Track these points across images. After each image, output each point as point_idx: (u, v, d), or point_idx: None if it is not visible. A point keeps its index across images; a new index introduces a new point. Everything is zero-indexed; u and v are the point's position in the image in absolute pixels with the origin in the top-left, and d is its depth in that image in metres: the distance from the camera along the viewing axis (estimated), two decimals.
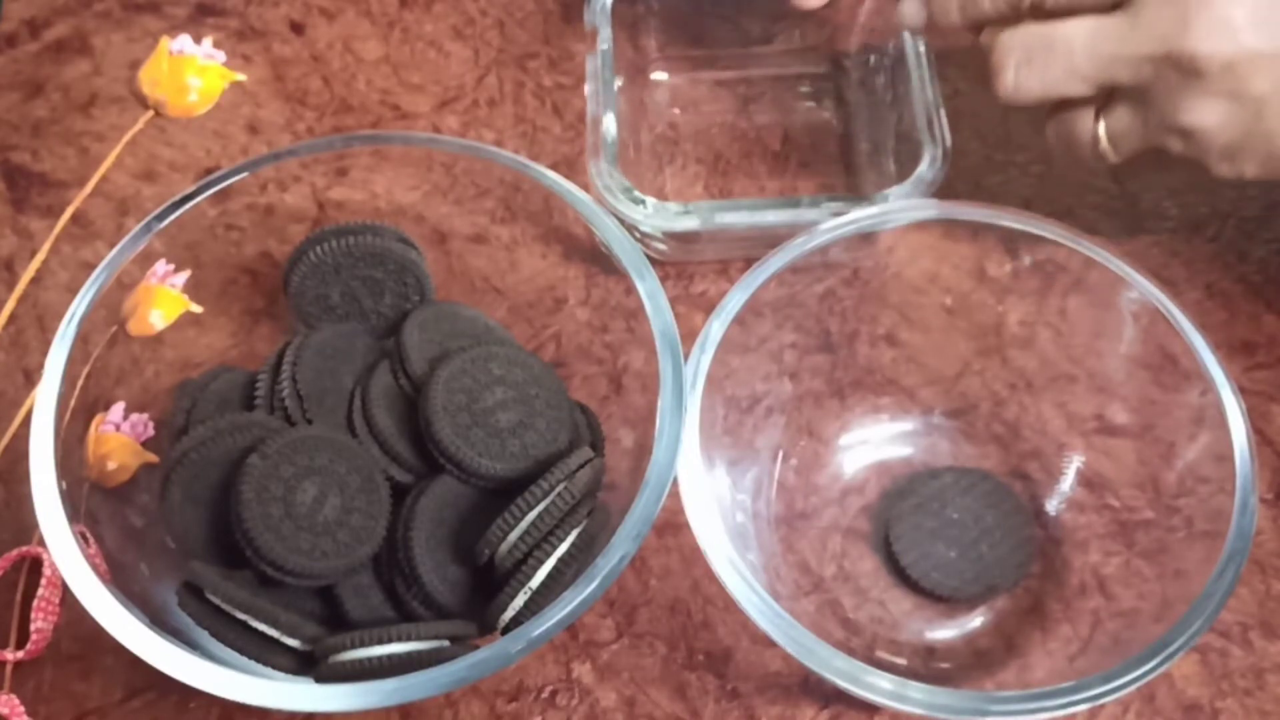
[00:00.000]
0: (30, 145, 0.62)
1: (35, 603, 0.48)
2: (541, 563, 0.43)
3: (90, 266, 0.51)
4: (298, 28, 0.66)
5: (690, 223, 0.53)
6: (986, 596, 0.49)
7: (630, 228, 0.53)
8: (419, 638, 0.42)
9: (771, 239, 0.49)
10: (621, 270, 0.47)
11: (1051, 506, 0.50)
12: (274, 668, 0.43)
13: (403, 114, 0.63)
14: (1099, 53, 0.47)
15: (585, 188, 0.50)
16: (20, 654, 0.48)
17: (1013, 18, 0.49)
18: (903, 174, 0.54)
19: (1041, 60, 0.48)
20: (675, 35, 0.63)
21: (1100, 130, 0.49)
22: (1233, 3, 0.45)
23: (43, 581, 0.49)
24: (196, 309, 0.50)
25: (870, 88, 0.61)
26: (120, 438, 0.47)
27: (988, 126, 0.60)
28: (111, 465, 0.47)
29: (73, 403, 0.45)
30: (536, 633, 0.40)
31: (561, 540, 0.43)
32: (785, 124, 0.62)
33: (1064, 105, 0.50)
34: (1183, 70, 0.45)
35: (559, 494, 0.43)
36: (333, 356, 0.49)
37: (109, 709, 0.48)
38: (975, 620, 0.49)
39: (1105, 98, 0.48)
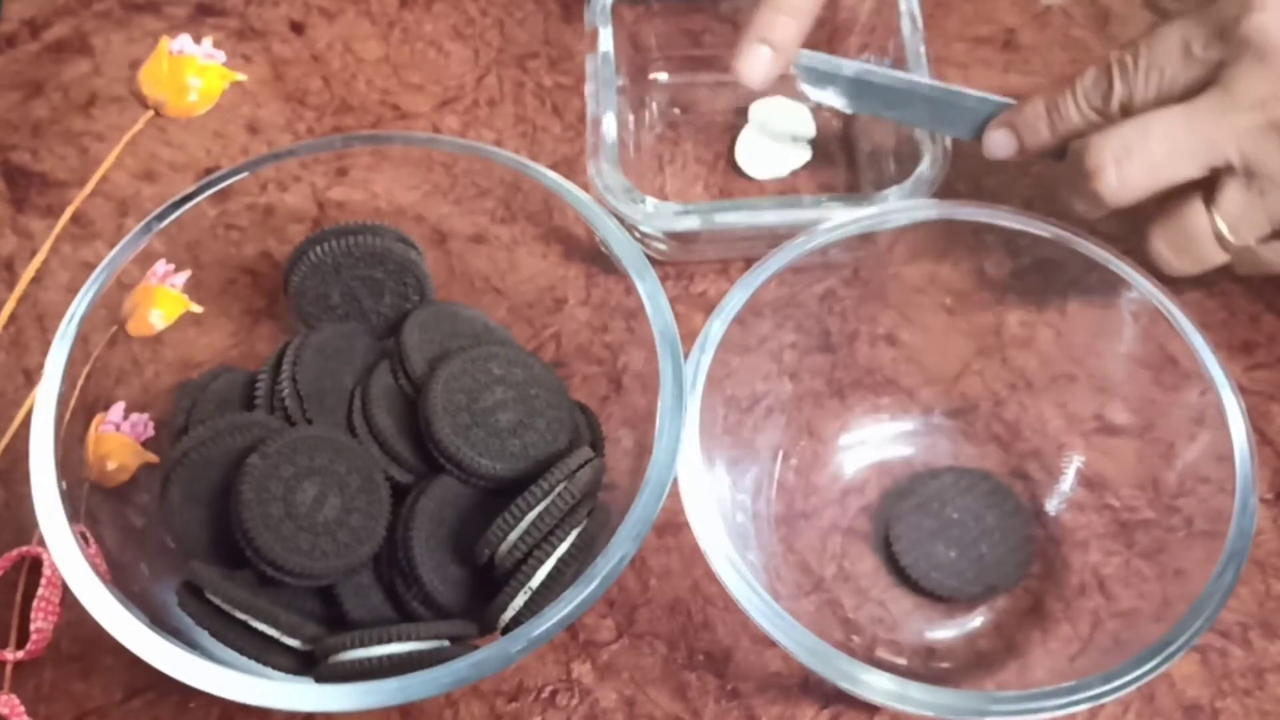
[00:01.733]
0: (30, 145, 0.62)
1: (35, 603, 0.48)
2: (541, 563, 0.43)
3: (90, 266, 0.51)
4: (298, 28, 0.66)
5: (690, 223, 0.53)
6: (986, 596, 0.49)
7: (630, 228, 0.53)
8: (419, 638, 0.42)
9: (771, 239, 0.49)
10: (621, 270, 0.47)
11: (1051, 506, 0.50)
12: (274, 668, 0.43)
13: (403, 114, 0.63)
14: (1199, 132, 0.45)
15: (585, 188, 0.50)
16: (20, 654, 0.48)
17: (1100, 125, 0.47)
18: (903, 174, 0.54)
19: (1141, 148, 0.46)
20: (675, 35, 0.63)
21: (1218, 220, 0.47)
22: None
23: (43, 581, 0.49)
24: (196, 309, 0.50)
25: None
26: (120, 438, 0.47)
27: None
28: (111, 465, 0.47)
29: (73, 403, 0.45)
30: (536, 633, 0.40)
31: (561, 540, 0.43)
32: None
33: (1169, 208, 0.48)
34: None
35: (559, 494, 0.43)
36: (333, 356, 0.49)
37: (109, 709, 0.48)
38: (975, 620, 0.49)
39: (1210, 187, 0.46)
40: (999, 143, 0.51)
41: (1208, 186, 0.47)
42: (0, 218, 0.60)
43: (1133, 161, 0.46)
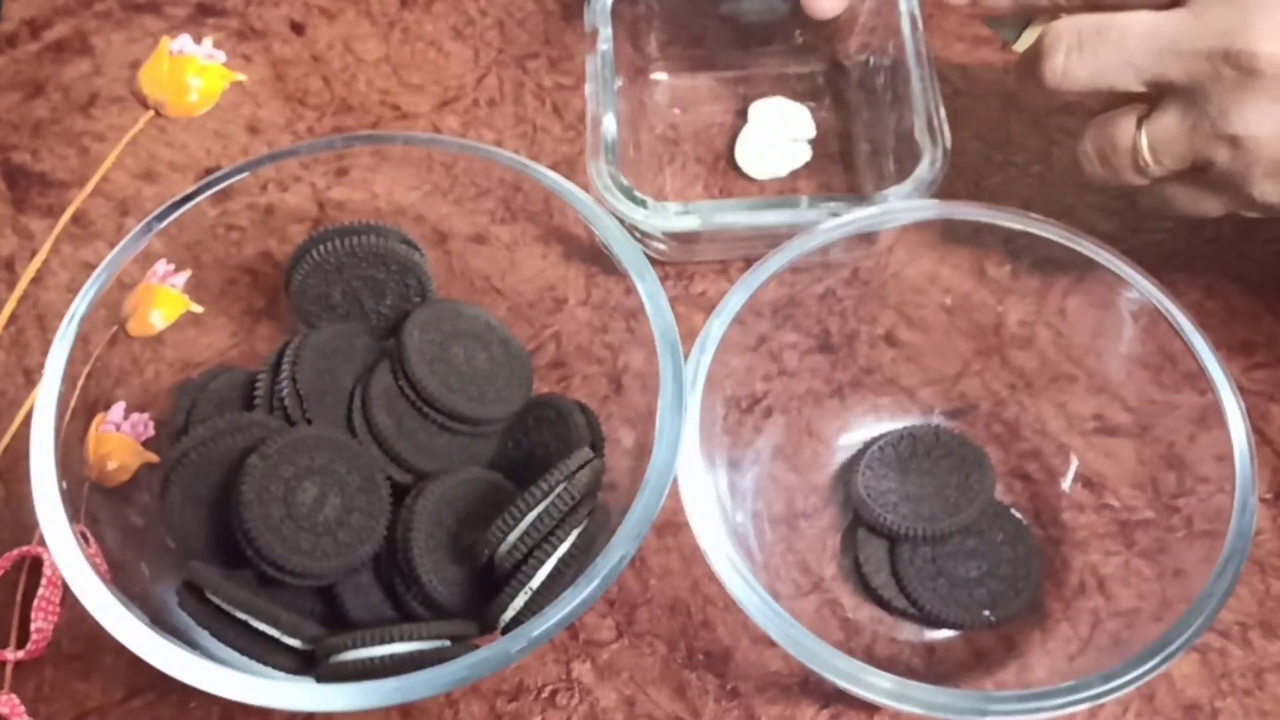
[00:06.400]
0: (30, 145, 0.62)
1: (35, 603, 0.48)
2: (542, 563, 0.43)
3: (90, 266, 0.51)
4: (298, 28, 0.66)
5: (690, 223, 0.53)
6: (977, 624, 0.48)
7: (630, 228, 0.53)
8: (419, 638, 0.42)
9: (771, 239, 0.49)
10: (621, 270, 0.47)
11: (1051, 506, 0.50)
12: (274, 668, 0.43)
13: (403, 114, 0.63)
14: (1154, 45, 0.45)
15: (585, 188, 0.50)
16: (20, 654, 0.48)
17: (1065, 6, 0.47)
18: (903, 174, 0.54)
19: (1093, 46, 0.46)
20: (675, 35, 0.63)
21: (1142, 139, 0.47)
22: None
23: (43, 581, 0.49)
24: (196, 309, 0.50)
25: (870, 88, 0.61)
26: (120, 438, 0.47)
27: (988, 126, 0.60)
28: (111, 465, 0.47)
29: (73, 403, 0.45)
30: (536, 633, 0.40)
31: (561, 540, 0.43)
32: None
33: (1108, 113, 0.48)
34: (1240, 69, 0.43)
35: (559, 494, 0.43)
36: (333, 356, 0.49)
37: (109, 709, 0.48)
38: None
39: (1151, 104, 0.47)
40: None
41: (1148, 103, 0.47)
42: (0, 218, 0.60)
43: (1081, 57, 0.46)
